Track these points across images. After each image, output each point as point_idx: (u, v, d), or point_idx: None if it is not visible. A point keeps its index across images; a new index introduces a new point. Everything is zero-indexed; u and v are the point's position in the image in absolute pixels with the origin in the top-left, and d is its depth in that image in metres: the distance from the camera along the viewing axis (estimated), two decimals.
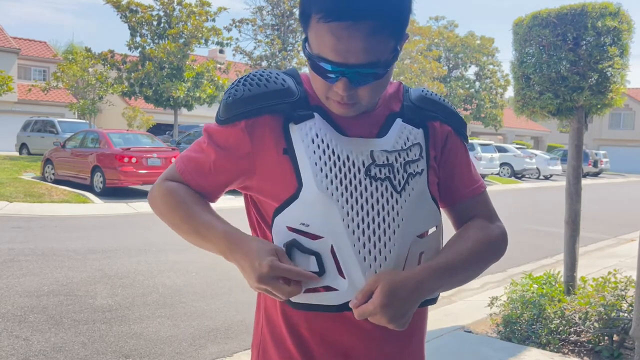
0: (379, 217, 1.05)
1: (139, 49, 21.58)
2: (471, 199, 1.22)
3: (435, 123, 1.19)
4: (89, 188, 12.63)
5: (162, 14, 21.80)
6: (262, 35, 25.08)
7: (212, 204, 1.19)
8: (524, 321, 4.18)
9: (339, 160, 1.06)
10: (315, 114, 1.09)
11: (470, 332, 4.30)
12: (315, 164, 1.05)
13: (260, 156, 1.09)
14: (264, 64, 24.74)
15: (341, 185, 1.05)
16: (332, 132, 1.08)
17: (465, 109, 36.93)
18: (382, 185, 1.07)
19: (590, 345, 3.90)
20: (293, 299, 1.04)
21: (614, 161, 38.16)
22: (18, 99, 28.29)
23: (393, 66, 1.03)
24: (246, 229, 1.18)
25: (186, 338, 4.16)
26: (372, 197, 1.06)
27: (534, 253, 8.04)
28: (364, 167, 1.06)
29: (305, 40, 1.02)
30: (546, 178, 28.07)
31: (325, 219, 1.03)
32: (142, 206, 11.23)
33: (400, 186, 1.08)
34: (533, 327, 4.09)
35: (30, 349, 3.81)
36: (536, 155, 28.21)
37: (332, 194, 1.04)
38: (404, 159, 1.10)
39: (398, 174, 1.08)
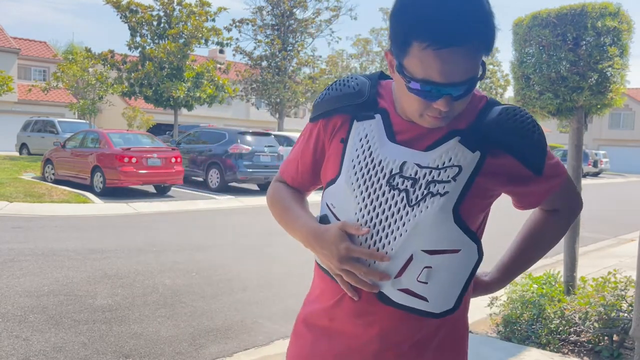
0: (385, 221, 1.17)
1: (139, 49, 21.58)
2: (548, 199, 1.32)
3: (502, 155, 1.18)
4: (89, 188, 12.63)
5: (162, 14, 21.80)
6: (262, 35, 25.10)
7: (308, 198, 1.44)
8: (524, 321, 4.18)
9: (371, 163, 1.20)
10: (377, 115, 1.23)
11: (470, 332, 4.30)
12: (352, 160, 1.22)
13: (332, 141, 1.29)
14: (264, 64, 24.75)
15: (363, 184, 1.20)
16: (380, 135, 1.21)
17: None
18: (398, 195, 1.17)
19: (590, 345, 3.91)
20: (319, 262, 1.27)
21: (613, 161, 38.17)
22: (18, 99, 28.30)
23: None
24: None
25: (186, 338, 4.16)
26: (385, 203, 1.18)
27: None
28: (390, 174, 1.18)
29: (400, 66, 1.10)
30: None
31: (344, 207, 1.22)
32: (142, 206, 11.23)
33: (415, 201, 1.16)
34: (533, 327, 4.10)
35: (30, 349, 3.81)
36: None
37: (354, 190, 1.20)
38: (433, 178, 1.16)
39: (418, 190, 1.16)
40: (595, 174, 32.91)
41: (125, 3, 21.26)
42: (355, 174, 1.20)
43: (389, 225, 1.16)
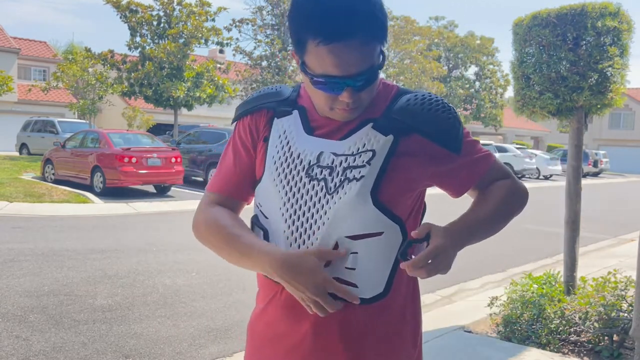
0: (308, 212, 1.19)
1: (139, 49, 21.57)
2: (480, 180, 1.30)
3: (414, 137, 1.20)
4: (89, 188, 12.63)
5: (162, 14, 21.79)
6: (262, 35, 25.10)
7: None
8: (524, 321, 4.18)
9: (290, 157, 1.23)
10: (295, 111, 1.27)
11: (470, 332, 4.30)
12: (272, 156, 1.25)
13: (258, 141, 1.31)
14: (264, 64, 24.74)
15: (285, 179, 1.22)
16: (298, 130, 1.24)
17: (465, 109, 36.95)
18: (318, 184, 1.20)
19: (590, 345, 3.90)
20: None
21: (614, 161, 38.15)
22: (18, 99, 28.29)
23: (383, 66, 1.17)
24: None
25: (186, 338, 4.16)
26: (307, 194, 1.20)
27: (534, 253, 8.04)
28: (308, 165, 1.21)
29: (303, 64, 1.16)
30: (546, 178, 28.07)
31: (270, 204, 1.24)
32: (142, 206, 11.23)
33: (333, 188, 1.18)
34: (533, 327, 4.09)
35: (30, 349, 3.81)
36: (536, 155, 28.19)
37: (276, 186, 1.23)
38: (348, 164, 1.18)
39: (336, 177, 1.18)
40: (596, 174, 32.91)
41: (125, 3, 21.25)
42: (277, 169, 1.23)
43: (312, 216, 1.19)
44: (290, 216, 1.21)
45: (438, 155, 1.22)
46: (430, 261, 1.12)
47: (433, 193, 1.47)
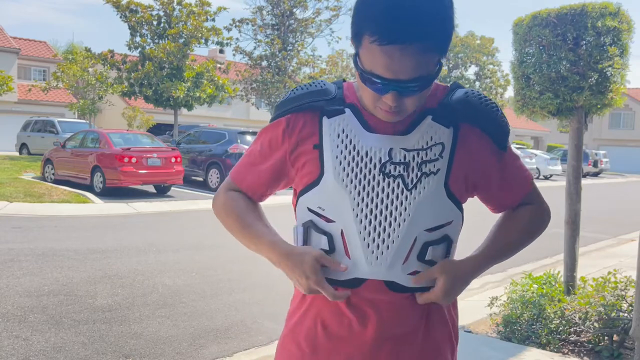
0: (386, 210, 1.17)
1: (139, 49, 21.57)
2: (520, 201, 1.33)
3: (472, 128, 1.22)
4: (89, 188, 12.63)
5: (162, 13, 21.79)
6: (262, 35, 25.06)
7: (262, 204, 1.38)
8: (524, 321, 4.18)
9: (358, 156, 1.18)
10: (347, 109, 1.22)
11: (470, 332, 4.30)
12: (337, 157, 1.19)
13: (298, 146, 1.24)
14: (264, 63, 24.73)
15: (355, 178, 1.18)
16: (358, 128, 1.20)
17: None
18: (394, 181, 1.17)
19: (590, 345, 3.90)
20: None
21: (614, 161, 38.15)
22: (18, 99, 28.29)
23: (438, 76, 1.14)
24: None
25: (186, 338, 4.16)
26: (382, 192, 1.17)
27: (534, 253, 8.03)
28: (380, 163, 1.18)
29: (356, 55, 1.12)
30: (546, 178, 28.07)
31: (338, 206, 1.19)
32: (142, 206, 11.23)
33: (412, 184, 1.17)
34: (533, 327, 4.09)
35: (30, 349, 3.81)
36: (536, 155, 28.21)
37: (347, 186, 1.18)
38: (422, 159, 1.18)
39: (412, 173, 1.17)
40: (596, 174, 32.90)
41: (125, 3, 21.25)
42: (344, 169, 1.18)
43: (391, 213, 1.17)
44: (367, 216, 1.17)
45: (488, 148, 1.24)
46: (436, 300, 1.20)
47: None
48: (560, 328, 4.02)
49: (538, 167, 27.64)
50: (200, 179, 15.22)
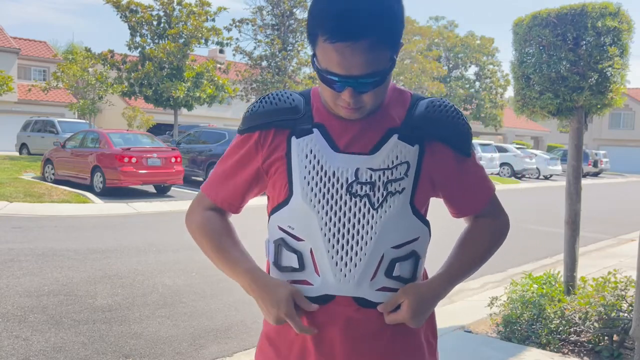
0: (353, 229, 1.21)
1: (139, 49, 21.55)
2: (481, 210, 1.36)
3: (435, 143, 1.25)
4: (89, 188, 12.63)
5: (162, 14, 21.77)
6: (262, 35, 25.06)
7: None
8: (524, 321, 4.18)
9: (325, 176, 1.21)
10: (315, 130, 1.24)
11: (470, 332, 4.30)
12: (304, 177, 1.22)
13: (270, 156, 1.27)
14: (264, 64, 24.72)
15: (323, 198, 1.21)
16: (325, 148, 1.22)
17: (465, 109, 36.93)
18: (361, 201, 1.21)
19: (590, 345, 3.90)
20: None
21: (614, 161, 38.15)
22: (18, 99, 28.29)
23: (391, 72, 1.17)
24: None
25: (186, 338, 4.16)
26: (350, 212, 1.21)
27: (534, 253, 8.04)
28: (347, 183, 1.21)
29: (314, 56, 1.17)
30: (546, 178, 28.07)
31: (306, 225, 1.22)
32: (142, 206, 11.23)
33: (377, 203, 1.20)
34: (533, 327, 4.09)
35: (30, 349, 3.81)
36: (536, 155, 28.20)
37: (314, 206, 1.21)
38: (387, 178, 1.21)
39: (378, 192, 1.21)
40: (596, 174, 32.90)
41: (125, 3, 21.24)
42: (312, 189, 1.21)
43: (358, 232, 1.20)
44: (334, 235, 1.20)
45: (452, 158, 1.27)
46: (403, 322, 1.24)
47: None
48: (560, 328, 4.02)
49: (538, 167, 27.64)
50: (200, 179, 15.21)
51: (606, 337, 3.89)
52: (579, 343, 3.95)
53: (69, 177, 13.42)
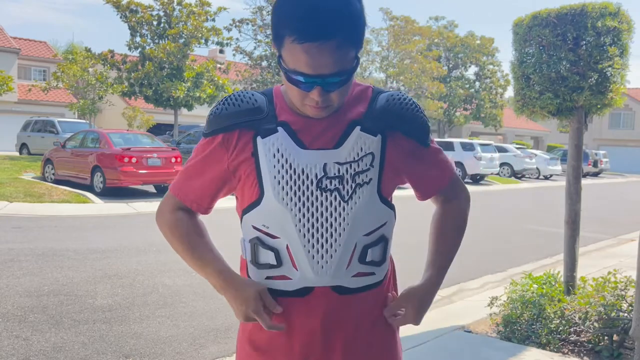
0: (327, 222, 1.25)
1: (139, 49, 21.56)
2: (441, 191, 1.44)
3: (396, 134, 1.30)
4: (89, 188, 12.64)
5: (162, 14, 21.78)
6: (262, 35, 25.06)
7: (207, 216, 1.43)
8: (524, 321, 4.18)
9: (295, 174, 1.24)
10: (279, 128, 1.26)
11: (470, 332, 4.30)
12: (274, 177, 1.25)
13: (236, 161, 1.29)
14: (264, 64, 24.73)
15: (295, 196, 1.24)
16: (292, 146, 1.25)
17: (465, 109, 36.93)
18: (331, 195, 1.25)
19: (590, 345, 3.90)
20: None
21: (614, 161, 38.15)
22: (18, 99, 28.29)
23: (356, 71, 1.22)
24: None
25: (186, 338, 4.16)
26: (321, 206, 1.25)
27: (534, 253, 8.04)
28: (316, 179, 1.24)
29: (280, 57, 1.19)
30: (546, 178, 28.08)
31: (281, 223, 1.26)
32: (142, 206, 11.23)
33: (347, 195, 1.25)
34: (533, 327, 4.09)
35: (30, 349, 3.81)
36: (536, 155, 28.20)
37: (287, 204, 1.24)
38: (355, 170, 1.25)
39: (347, 185, 1.25)
40: (595, 174, 32.91)
41: (125, 3, 21.24)
42: (283, 188, 1.24)
43: (331, 225, 1.25)
44: (309, 230, 1.25)
45: (412, 148, 1.33)
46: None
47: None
48: (560, 328, 4.02)
49: (538, 167, 27.64)
50: None
51: (606, 337, 3.89)
52: (579, 343, 3.95)
53: (69, 177, 13.42)
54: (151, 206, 11.37)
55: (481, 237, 8.59)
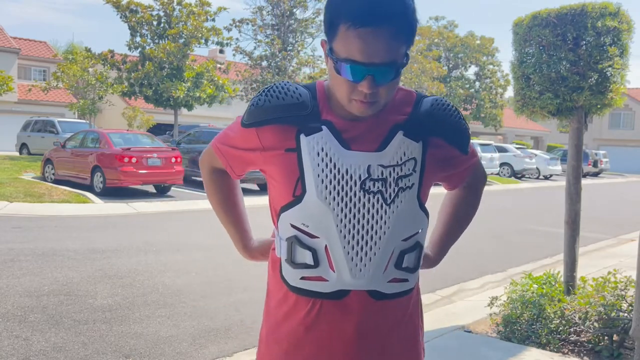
0: (368, 224, 1.24)
1: (139, 49, 21.55)
2: (468, 178, 1.48)
3: (437, 140, 1.31)
4: (89, 188, 12.63)
5: (162, 14, 21.77)
6: (262, 35, 25.06)
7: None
8: (524, 321, 4.18)
9: (339, 174, 1.23)
10: (324, 127, 1.25)
11: (470, 332, 4.30)
12: (318, 175, 1.23)
13: (271, 155, 1.29)
14: (264, 63, 24.72)
15: (338, 196, 1.23)
16: (336, 146, 1.24)
17: (465, 109, 36.93)
18: (374, 197, 1.24)
19: (590, 345, 3.90)
20: (292, 284, 1.29)
21: (614, 161, 38.15)
22: (18, 99, 28.28)
23: (402, 70, 1.21)
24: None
25: (186, 338, 4.16)
26: (364, 208, 1.24)
27: (534, 253, 8.04)
28: (360, 180, 1.23)
29: (330, 50, 1.19)
30: (546, 178, 28.07)
31: (321, 223, 1.24)
32: (142, 206, 11.23)
33: (390, 199, 1.24)
34: (533, 327, 4.09)
35: (30, 349, 3.81)
36: (536, 155, 28.19)
37: (330, 203, 1.23)
38: (397, 174, 1.25)
39: (390, 188, 1.25)
40: (595, 174, 32.90)
41: (125, 3, 21.24)
42: (327, 187, 1.23)
43: (372, 227, 1.24)
44: (350, 231, 1.24)
45: (451, 155, 1.35)
46: None
47: None
48: (560, 328, 4.02)
49: (538, 167, 27.63)
50: (200, 179, 15.18)
51: (606, 337, 3.89)
52: (579, 343, 3.95)
53: (69, 177, 13.42)
54: (151, 206, 11.37)
55: (481, 237, 8.59)
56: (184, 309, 4.81)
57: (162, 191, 13.41)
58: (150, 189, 13.69)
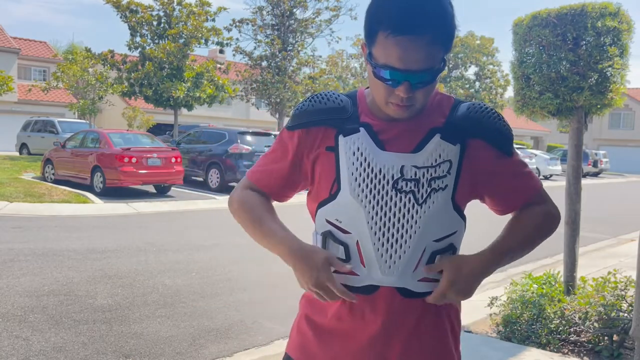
0: (398, 223, 1.27)
1: (139, 49, 21.56)
2: (526, 203, 1.39)
3: (477, 142, 1.31)
4: (89, 188, 12.63)
5: (162, 14, 21.78)
6: (262, 35, 25.04)
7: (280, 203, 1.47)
8: (523, 321, 4.18)
9: (372, 173, 1.27)
10: (361, 128, 1.30)
11: (470, 332, 4.30)
12: (352, 173, 1.28)
13: (313, 155, 1.35)
14: (264, 64, 24.72)
15: (370, 194, 1.27)
16: (372, 146, 1.29)
17: None
18: (406, 197, 1.27)
19: (590, 345, 3.91)
20: None
21: (614, 161, 38.14)
22: (18, 99, 28.28)
23: (440, 75, 1.24)
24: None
25: (186, 338, 4.16)
26: (395, 206, 1.27)
27: (534, 253, 7.99)
28: (392, 179, 1.27)
29: (370, 55, 1.23)
30: (546, 178, 28.07)
31: (354, 219, 1.28)
32: (142, 206, 11.23)
33: (422, 199, 1.27)
34: (533, 327, 4.09)
35: (30, 349, 3.81)
36: (536, 155, 28.19)
37: (362, 201, 1.27)
38: (431, 175, 1.27)
39: (422, 188, 1.27)
40: (595, 174, 32.90)
41: (125, 3, 21.24)
42: (359, 185, 1.27)
43: (402, 226, 1.27)
44: (380, 229, 1.27)
45: (494, 158, 1.33)
46: (445, 295, 1.28)
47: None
48: (560, 328, 4.02)
49: (538, 167, 27.63)
50: (200, 179, 15.21)
51: (606, 337, 3.89)
52: (578, 343, 3.95)
53: (69, 177, 13.42)
54: (151, 206, 11.37)
55: (481, 237, 8.55)
56: (184, 309, 4.81)
57: (162, 191, 13.41)
58: (150, 189, 13.68)
